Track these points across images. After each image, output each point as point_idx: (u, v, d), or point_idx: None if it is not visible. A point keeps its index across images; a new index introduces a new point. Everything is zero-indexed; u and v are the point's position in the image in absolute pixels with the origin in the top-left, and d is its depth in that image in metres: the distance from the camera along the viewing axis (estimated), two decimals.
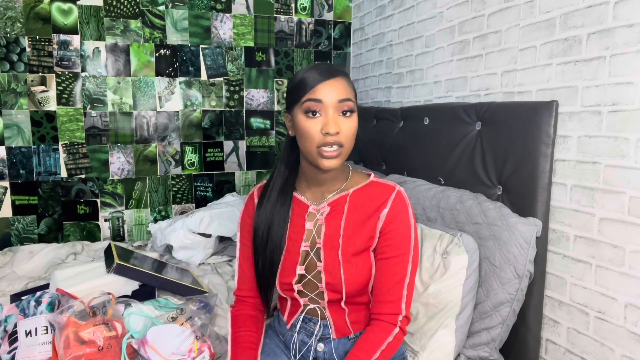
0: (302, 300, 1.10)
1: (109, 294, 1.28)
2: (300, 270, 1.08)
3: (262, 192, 1.13)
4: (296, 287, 1.08)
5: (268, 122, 2.60)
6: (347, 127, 1.00)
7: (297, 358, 1.12)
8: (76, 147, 2.30)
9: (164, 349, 1.11)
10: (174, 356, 1.12)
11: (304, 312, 1.12)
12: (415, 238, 1.06)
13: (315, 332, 1.11)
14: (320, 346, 1.11)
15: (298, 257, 1.09)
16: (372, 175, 1.13)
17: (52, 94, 2.24)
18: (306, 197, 1.12)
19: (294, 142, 1.09)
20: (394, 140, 1.97)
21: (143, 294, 1.47)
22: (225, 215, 2.11)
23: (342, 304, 1.08)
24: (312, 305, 1.10)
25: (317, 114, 0.99)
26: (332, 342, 1.10)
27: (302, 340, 1.12)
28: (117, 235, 2.41)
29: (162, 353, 1.11)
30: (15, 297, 1.52)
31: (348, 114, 1.00)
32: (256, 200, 1.14)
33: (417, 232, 1.08)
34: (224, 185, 2.57)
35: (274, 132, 2.62)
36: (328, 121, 0.98)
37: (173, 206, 2.49)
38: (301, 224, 1.10)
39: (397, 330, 1.03)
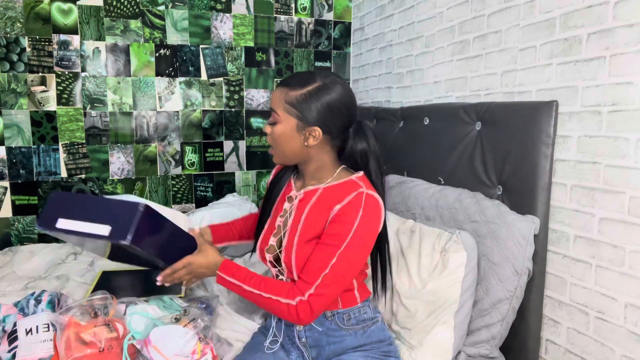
0: (274, 270, 1.24)
1: (110, 295, 1.28)
2: (272, 240, 1.22)
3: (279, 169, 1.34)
4: (268, 256, 1.23)
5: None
6: (273, 134, 1.16)
7: (282, 336, 1.24)
8: (76, 147, 2.30)
9: (167, 350, 1.11)
10: (177, 357, 1.12)
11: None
12: (356, 240, 1.07)
13: None
14: (299, 326, 1.21)
15: (273, 229, 1.23)
16: (357, 176, 1.16)
17: (52, 94, 2.24)
18: (295, 184, 1.26)
19: None
20: (394, 140, 1.98)
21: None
22: (226, 215, 2.11)
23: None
24: (280, 276, 1.21)
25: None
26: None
27: (286, 324, 1.24)
28: None
29: (165, 354, 1.11)
30: None
31: (270, 123, 1.16)
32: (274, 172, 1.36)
33: (361, 237, 1.08)
34: (224, 185, 2.57)
35: None
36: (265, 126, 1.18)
37: (173, 206, 2.49)
38: (281, 203, 1.25)
39: (294, 301, 1.07)
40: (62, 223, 1.06)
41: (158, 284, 1.20)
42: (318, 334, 1.19)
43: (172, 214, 1.23)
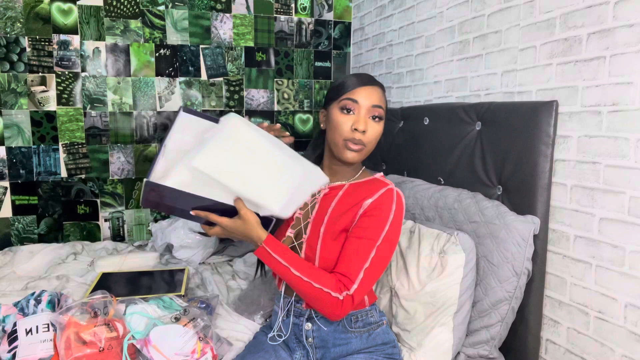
0: None
1: (110, 294, 1.28)
2: (290, 232, 1.20)
3: None
4: None
5: (268, 122, 2.60)
6: (373, 130, 1.14)
7: (288, 335, 1.22)
8: (76, 147, 2.30)
9: (167, 349, 1.11)
10: (177, 357, 1.12)
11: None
12: (390, 233, 1.11)
13: (302, 312, 1.20)
14: (308, 325, 1.19)
15: (292, 222, 1.21)
16: (379, 174, 1.23)
17: (52, 94, 2.24)
18: None
19: (322, 137, 1.26)
20: (393, 140, 1.98)
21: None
22: None
23: None
24: None
25: (351, 112, 1.14)
26: (317, 320, 1.18)
27: (294, 322, 1.22)
28: (117, 235, 2.41)
29: (165, 353, 1.11)
30: None
31: (377, 119, 1.15)
32: None
33: (394, 232, 1.12)
34: None
35: None
36: (359, 119, 1.13)
37: None
38: None
39: (340, 297, 1.05)
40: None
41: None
42: (325, 334, 1.18)
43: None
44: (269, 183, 1.05)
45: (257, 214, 1.07)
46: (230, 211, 1.06)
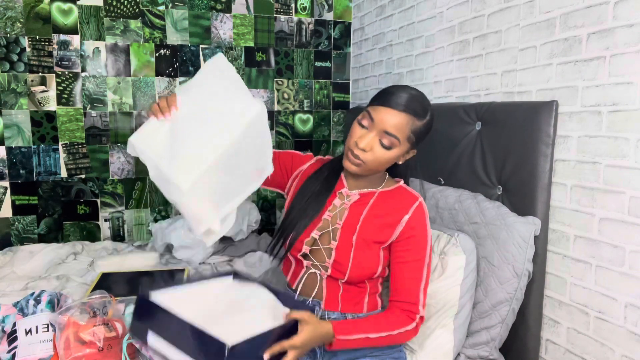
0: (305, 262, 1.19)
1: (109, 294, 1.28)
2: (315, 234, 1.17)
3: (324, 163, 1.27)
4: (305, 248, 1.18)
5: (268, 122, 2.59)
6: (378, 154, 1.09)
7: None
8: (76, 147, 2.30)
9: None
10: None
11: (305, 276, 1.20)
12: (430, 246, 1.16)
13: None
14: None
15: (319, 223, 1.18)
16: (401, 182, 1.23)
17: (52, 94, 2.24)
18: (347, 181, 1.23)
19: None
20: None
21: None
22: None
23: (341, 282, 1.17)
24: (313, 270, 1.18)
25: (364, 127, 1.10)
26: (325, 316, 1.18)
27: None
28: (117, 235, 2.41)
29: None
30: None
31: (385, 147, 1.09)
32: (316, 166, 1.27)
33: (431, 241, 1.18)
34: None
35: (274, 132, 2.62)
36: (365, 137, 1.09)
37: (173, 206, 2.49)
38: (331, 198, 1.21)
39: (413, 324, 1.11)
40: (152, 339, 0.92)
41: None
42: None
43: None
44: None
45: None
46: (285, 331, 0.95)
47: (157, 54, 2.36)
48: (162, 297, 0.96)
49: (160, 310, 0.91)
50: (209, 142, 0.99)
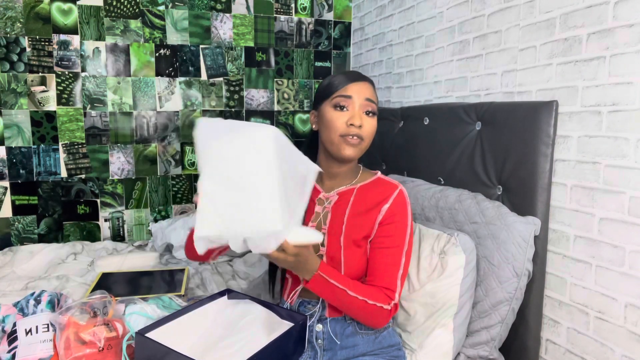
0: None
1: (109, 294, 1.28)
2: None
3: None
4: None
5: (268, 122, 2.60)
6: (369, 125, 1.13)
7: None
8: (76, 147, 2.30)
9: None
10: None
11: (302, 289, 1.19)
12: (411, 235, 1.16)
13: (313, 313, 1.18)
14: (319, 327, 1.18)
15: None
16: (379, 173, 1.23)
17: (52, 94, 2.24)
18: (322, 185, 1.23)
19: (315, 138, 1.23)
20: (393, 140, 1.97)
21: None
22: None
23: None
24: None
25: (345, 109, 1.12)
26: (328, 322, 1.17)
27: None
28: (117, 235, 2.41)
29: None
30: None
31: (371, 114, 1.14)
32: None
33: (412, 230, 1.17)
34: None
35: None
36: (354, 115, 1.11)
37: (173, 206, 2.49)
38: (311, 207, 1.20)
39: (389, 307, 1.09)
40: None
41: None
42: (334, 336, 1.17)
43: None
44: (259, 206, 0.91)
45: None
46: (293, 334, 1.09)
47: (157, 54, 2.36)
48: (160, 332, 1.05)
49: (159, 347, 0.98)
50: (260, 189, 0.92)
